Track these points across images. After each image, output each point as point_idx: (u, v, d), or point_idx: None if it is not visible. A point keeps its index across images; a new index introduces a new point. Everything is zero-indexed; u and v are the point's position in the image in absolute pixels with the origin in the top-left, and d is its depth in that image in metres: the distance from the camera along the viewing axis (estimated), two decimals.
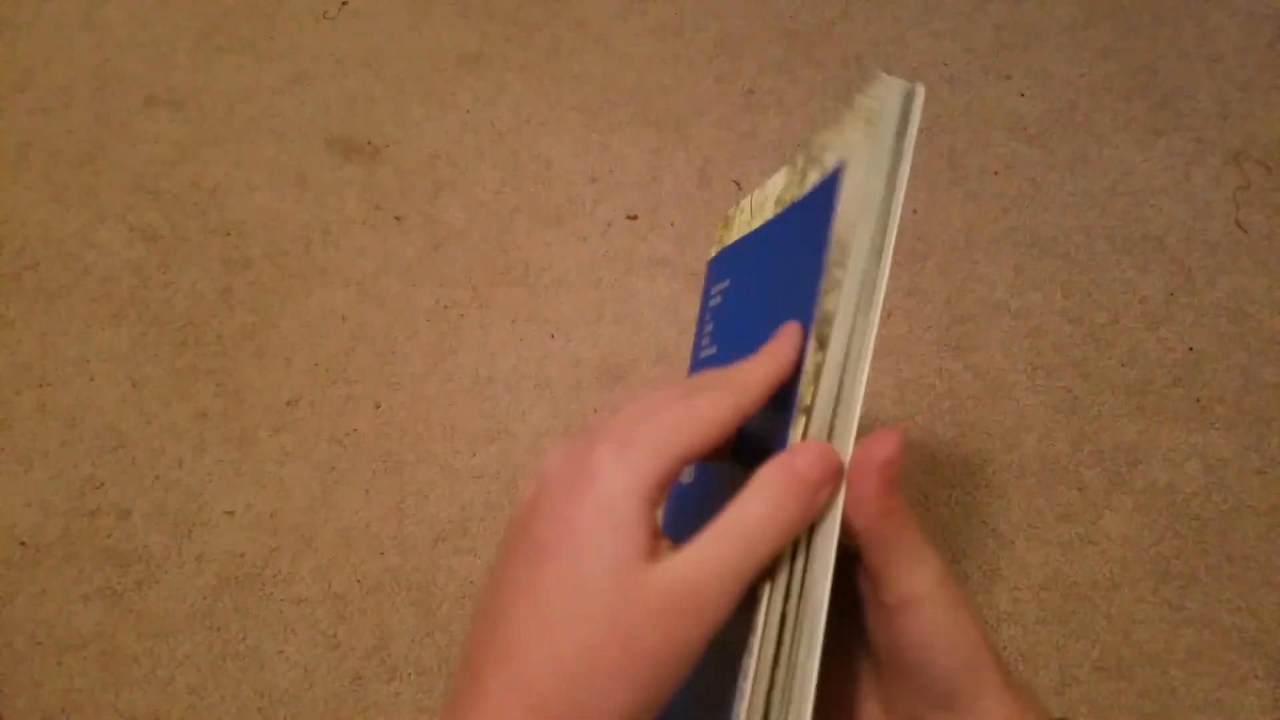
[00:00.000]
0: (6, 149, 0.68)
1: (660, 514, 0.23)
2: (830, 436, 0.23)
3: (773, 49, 0.70)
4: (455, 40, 0.72)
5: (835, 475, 0.22)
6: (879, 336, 0.27)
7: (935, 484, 0.57)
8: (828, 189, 0.26)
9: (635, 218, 0.65)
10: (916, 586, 0.24)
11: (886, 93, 0.24)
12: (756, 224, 0.33)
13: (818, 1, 0.72)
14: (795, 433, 0.24)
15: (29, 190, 0.67)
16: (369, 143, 0.68)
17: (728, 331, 0.33)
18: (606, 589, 0.20)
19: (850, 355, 0.23)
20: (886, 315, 0.61)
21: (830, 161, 0.26)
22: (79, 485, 0.58)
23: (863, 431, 0.24)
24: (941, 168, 0.65)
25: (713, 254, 0.39)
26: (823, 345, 0.23)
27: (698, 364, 0.37)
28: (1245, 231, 0.63)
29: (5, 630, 0.55)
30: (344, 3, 0.74)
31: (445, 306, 0.63)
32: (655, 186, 0.66)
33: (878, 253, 0.23)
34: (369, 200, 0.66)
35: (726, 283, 0.35)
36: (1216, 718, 0.52)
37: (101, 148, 0.68)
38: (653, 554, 0.21)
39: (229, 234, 0.65)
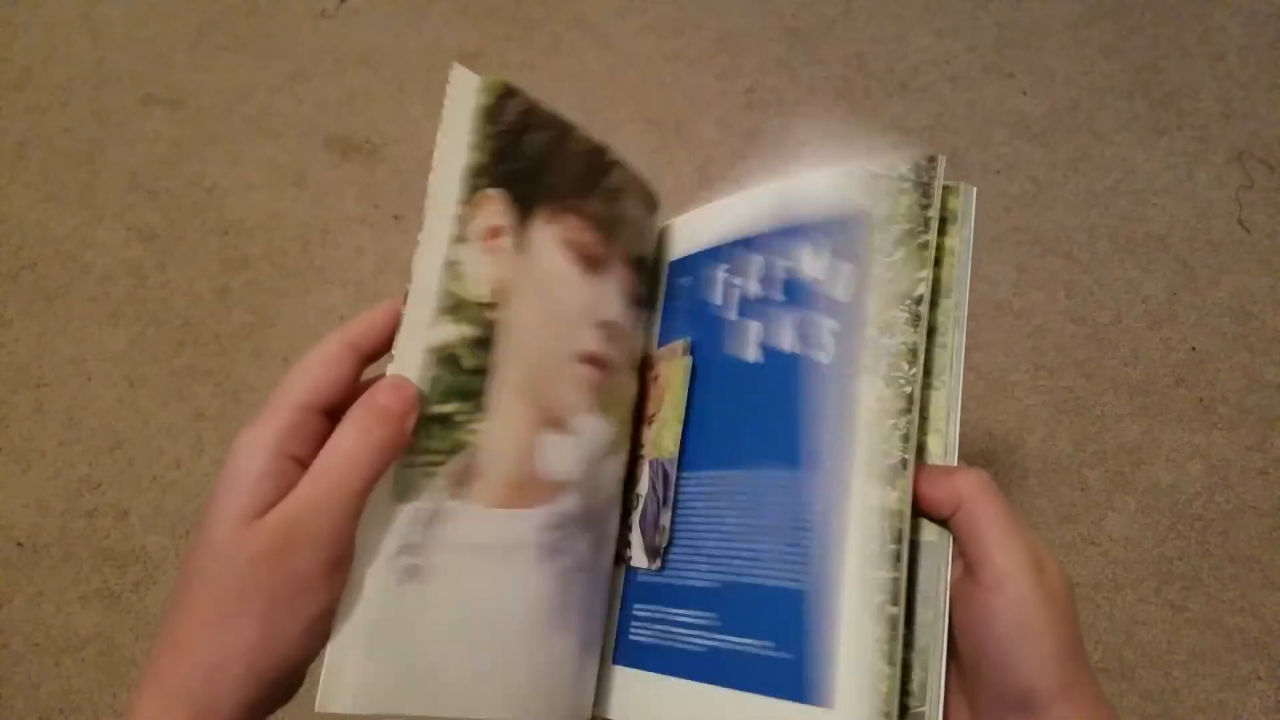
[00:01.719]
0: (4, 148, 0.68)
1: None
2: None
3: (774, 47, 0.70)
4: (455, 38, 0.72)
5: (413, 403, 0.25)
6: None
7: None
8: None
9: None
10: (1008, 563, 0.24)
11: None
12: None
13: None
14: None
15: (26, 189, 0.67)
16: (368, 141, 0.68)
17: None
18: (223, 542, 0.22)
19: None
20: None
21: None
22: (76, 485, 0.58)
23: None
24: None
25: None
26: None
27: None
28: (1248, 231, 0.63)
29: (3, 631, 0.55)
30: (343, 1, 0.73)
31: None
32: (656, 185, 0.66)
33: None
34: (368, 199, 0.66)
35: None
36: (1219, 719, 0.51)
37: (99, 147, 0.68)
38: (278, 496, 0.23)
39: (227, 233, 0.65)
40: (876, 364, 0.26)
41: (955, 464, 0.27)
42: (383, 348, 0.26)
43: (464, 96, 0.28)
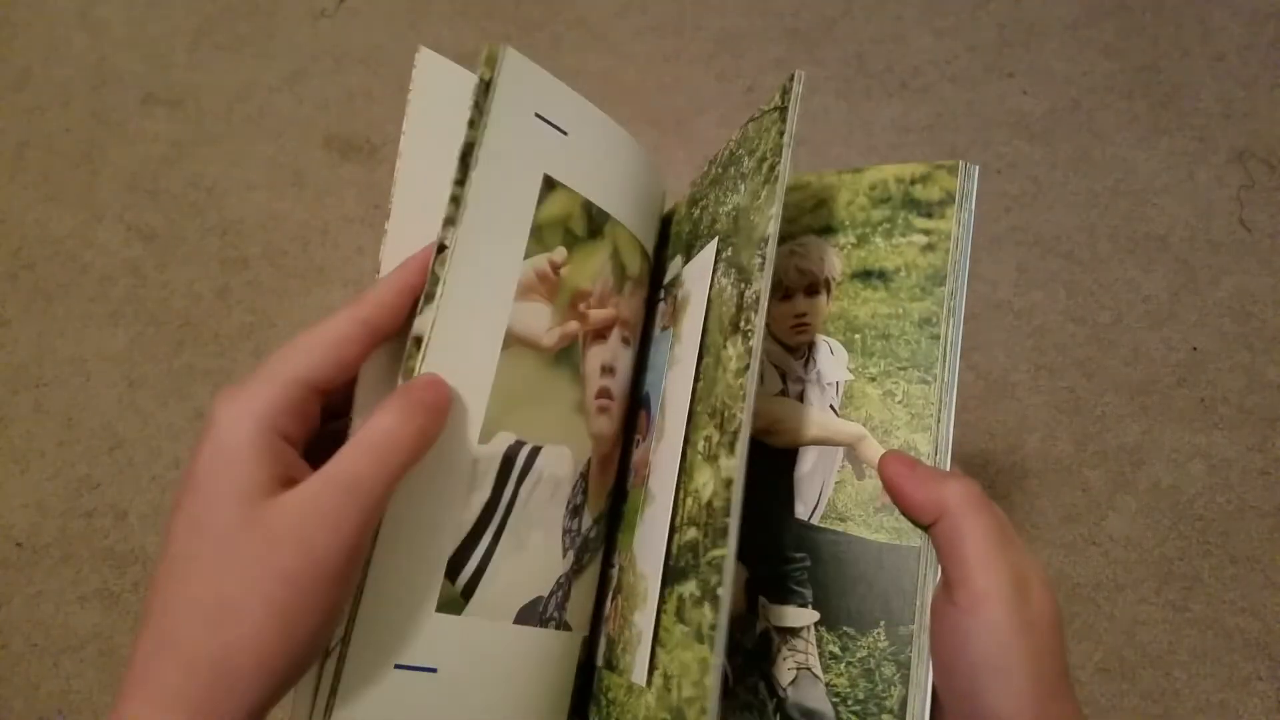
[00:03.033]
0: (3, 148, 0.68)
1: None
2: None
3: (774, 47, 0.70)
4: (454, 38, 0.72)
5: (449, 402, 0.23)
6: None
7: None
8: None
9: None
10: (987, 586, 0.22)
11: None
12: None
13: None
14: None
15: (26, 189, 0.67)
16: (367, 141, 0.68)
17: None
18: (229, 524, 0.20)
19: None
20: None
21: None
22: (76, 486, 0.58)
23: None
24: None
25: None
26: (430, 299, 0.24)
27: None
28: (1249, 230, 0.62)
29: (2, 631, 0.55)
30: (343, 1, 0.73)
31: None
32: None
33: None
34: (367, 199, 0.66)
35: None
36: (1219, 719, 0.51)
37: (99, 147, 0.68)
38: (280, 479, 0.21)
39: (226, 233, 0.65)
40: (738, 320, 0.24)
41: (948, 465, 0.25)
42: (394, 328, 0.24)
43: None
